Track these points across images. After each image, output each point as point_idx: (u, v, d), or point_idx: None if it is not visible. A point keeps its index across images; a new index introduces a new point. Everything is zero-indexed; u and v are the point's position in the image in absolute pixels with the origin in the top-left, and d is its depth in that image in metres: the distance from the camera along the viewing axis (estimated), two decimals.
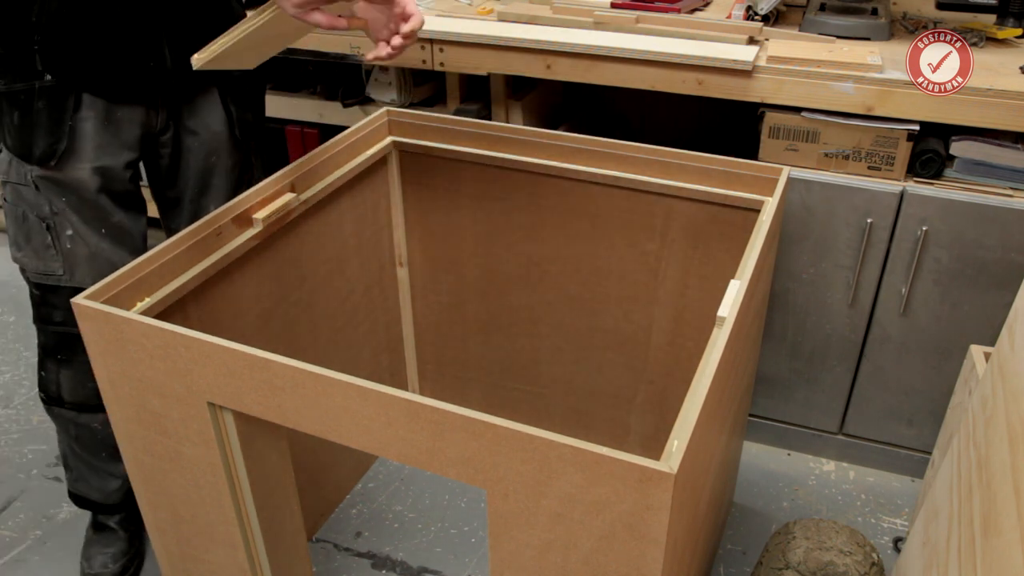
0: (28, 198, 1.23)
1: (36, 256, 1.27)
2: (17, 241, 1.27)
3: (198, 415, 1.01)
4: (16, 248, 1.28)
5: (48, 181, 1.22)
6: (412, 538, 1.66)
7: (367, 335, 1.64)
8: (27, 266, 1.28)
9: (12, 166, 1.23)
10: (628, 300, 1.55)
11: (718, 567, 1.59)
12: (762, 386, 1.78)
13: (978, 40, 1.61)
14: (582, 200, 1.47)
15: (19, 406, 2.00)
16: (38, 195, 1.23)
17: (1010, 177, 1.47)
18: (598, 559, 0.84)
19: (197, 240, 1.14)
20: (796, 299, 1.64)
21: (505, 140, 1.48)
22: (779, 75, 1.49)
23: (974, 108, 1.41)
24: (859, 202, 1.51)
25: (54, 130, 1.18)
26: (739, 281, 1.04)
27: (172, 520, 1.17)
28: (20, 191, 1.23)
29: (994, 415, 0.98)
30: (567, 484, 0.81)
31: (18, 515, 1.71)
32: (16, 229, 1.27)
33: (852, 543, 1.39)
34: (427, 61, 1.70)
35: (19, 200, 1.24)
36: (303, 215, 1.35)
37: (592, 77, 1.61)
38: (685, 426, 0.80)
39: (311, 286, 1.43)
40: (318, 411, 0.92)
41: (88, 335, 1.01)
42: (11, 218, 1.27)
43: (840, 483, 1.79)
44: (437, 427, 0.85)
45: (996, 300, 1.51)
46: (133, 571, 1.55)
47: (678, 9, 1.69)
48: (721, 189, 1.35)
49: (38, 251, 1.26)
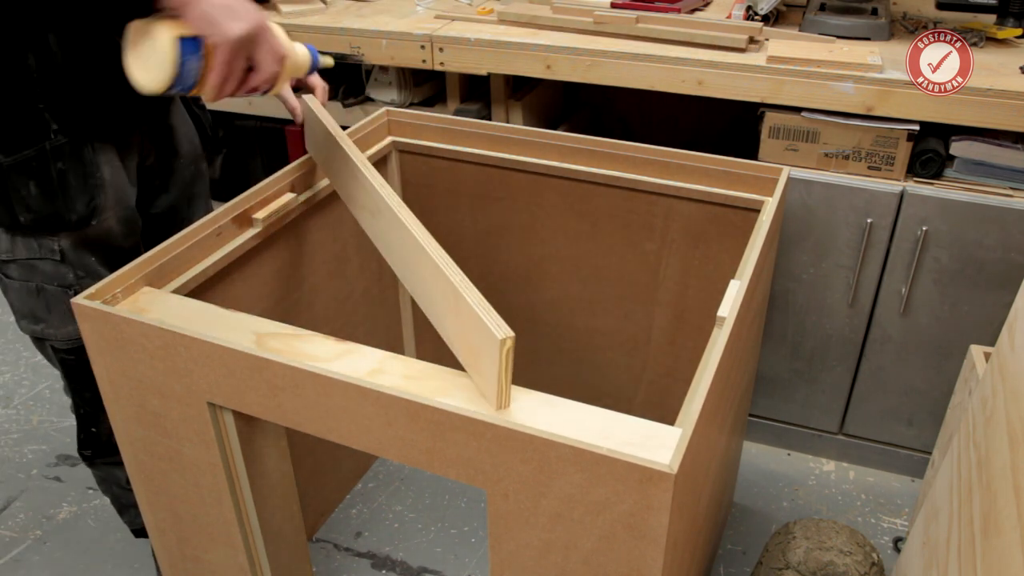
0: (45, 271, 1.13)
1: (63, 323, 1.17)
2: (34, 314, 1.17)
3: (198, 415, 1.01)
4: (32, 321, 1.17)
5: (79, 245, 1.13)
6: (412, 538, 1.66)
7: (367, 335, 1.64)
8: (53, 336, 1.18)
9: (18, 243, 1.12)
10: (628, 300, 1.55)
11: (718, 567, 1.59)
12: (762, 386, 1.78)
13: (978, 40, 1.61)
14: (582, 200, 1.47)
15: (19, 406, 2.00)
16: (60, 265, 1.13)
17: (1010, 177, 1.47)
18: (598, 559, 0.84)
19: (197, 240, 1.14)
20: (796, 299, 1.64)
21: (505, 140, 1.48)
22: (779, 75, 1.49)
23: (974, 108, 1.41)
24: (859, 202, 1.51)
25: (86, 187, 1.09)
26: (739, 281, 1.04)
27: (172, 520, 1.17)
28: (34, 266, 1.13)
29: (994, 415, 0.98)
30: (567, 484, 0.81)
31: (18, 515, 1.71)
32: (31, 303, 1.16)
33: (852, 543, 1.39)
34: (427, 61, 1.70)
35: (31, 276, 1.14)
36: (303, 215, 1.34)
37: (592, 77, 1.61)
38: (685, 426, 0.80)
39: (311, 286, 1.43)
40: (318, 411, 0.92)
41: (88, 335, 1.01)
42: (19, 294, 1.16)
43: (840, 483, 1.79)
44: (437, 427, 0.85)
45: (996, 300, 1.51)
46: None
47: (678, 9, 1.69)
48: (721, 189, 1.35)
49: (64, 318, 1.16)
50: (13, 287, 1.16)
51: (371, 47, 1.74)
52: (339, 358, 0.93)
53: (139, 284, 1.06)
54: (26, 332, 1.19)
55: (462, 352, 0.91)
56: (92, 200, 1.10)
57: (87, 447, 1.31)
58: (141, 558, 1.60)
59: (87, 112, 1.08)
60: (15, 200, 1.07)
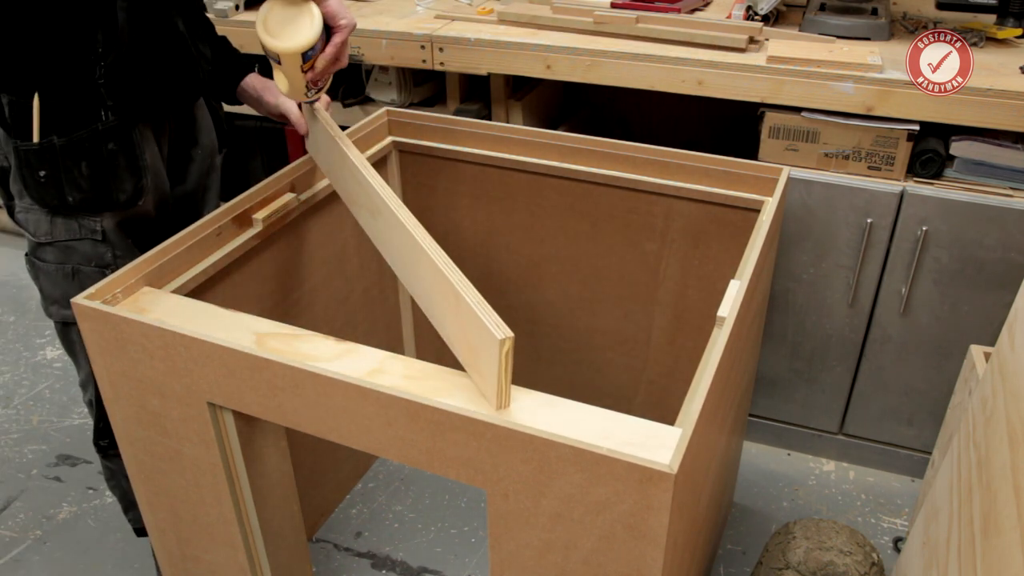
0: (84, 251, 1.15)
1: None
2: (67, 297, 1.15)
3: (198, 415, 1.01)
4: (63, 307, 1.18)
5: (121, 225, 1.15)
6: (412, 538, 1.66)
7: (367, 335, 1.64)
8: None
9: (58, 225, 1.14)
10: (628, 300, 1.55)
11: (718, 567, 1.59)
12: (762, 386, 1.78)
13: (978, 40, 1.61)
14: (582, 200, 1.47)
15: (19, 406, 2.00)
16: (99, 245, 1.15)
17: (1010, 177, 1.47)
18: (598, 559, 0.84)
19: (197, 240, 1.14)
20: (796, 299, 1.64)
21: (505, 140, 1.48)
22: (779, 75, 1.49)
23: (974, 108, 1.41)
24: (859, 202, 1.51)
25: (134, 168, 1.13)
26: (739, 281, 1.04)
27: (172, 520, 1.17)
28: (71, 248, 1.15)
29: (994, 415, 0.98)
30: (567, 484, 0.81)
31: (18, 515, 1.71)
32: (64, 286, 1.17)
33: (852, 543, 1.39)
34: (427, 61, 1.70)
35: (67, 258, 1.16)
36: (303, 215, 1.35)
37: (592, 77, 1.61)
38: (685, 426, 0.80)
39: (311, 286, 1.43)
40: (318, 411, 0.92)
41: (88, 335, 1.02)
42: (54, 278, 1.18)
43: (840, 483, 1.79)
44: (437, 427, 0.85)
45: (996, 300, 1.51)
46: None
47: (678, 9, 1.69)
48: (721, 189, 1.35)
49: None
50: (47, 271, 1.18)
51: (371, 47, 1.74)
52: (339, 358, 0.93)
53: (139, 284, 1.06)
54: (55, 318, 1.21)
55: (462, 352, 0.91)
56: (139, 181, 1.13)
57: (104, 437, 1.32)
58: (141, 558, 1.60)
59: (139, 92, 1.11)
60: (66, 180, 1.09)
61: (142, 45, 1.10)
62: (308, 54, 1.09)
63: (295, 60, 1.09)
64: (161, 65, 1.14)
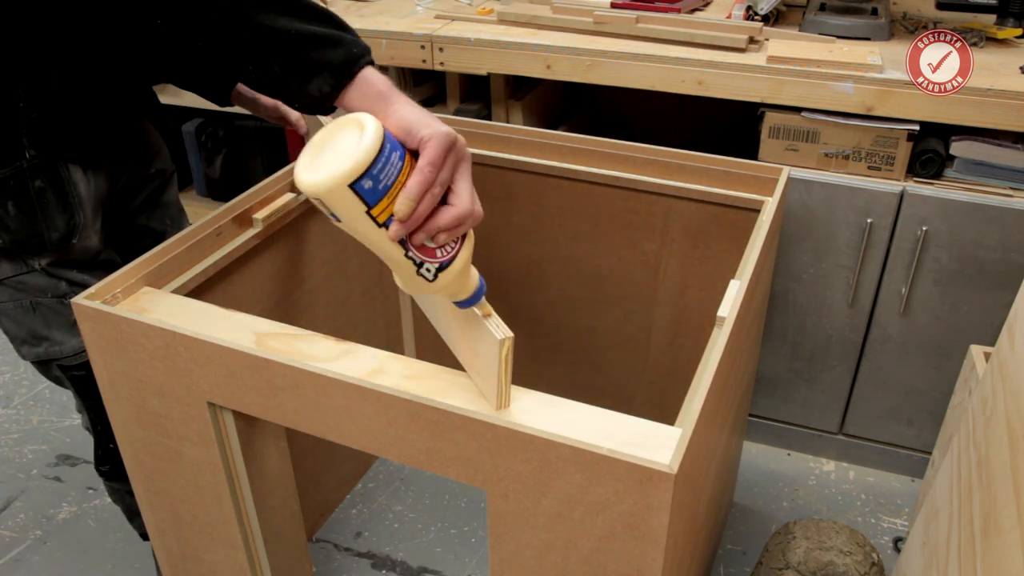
0: (37, 284, 1.10)
1: (66, 336, 1.13)
2: (34, 334, 1.13)
3: (198, 415, 1.01)
4: (33, 344, 1.14)
5: (60, 262, 1.10)
6: (412, 538, 1.66)
7: (367, 335, 1.64)
8: (59, 353, 1.14)
9: (2, 264, 1.08)
10: (628, 300, 1.55)
11: (718, 567, 1.59)
12: (762, 386, 1.78)
13: (978, 40, 1.61)
14: (582, 200, 1.47)
15: (19, 406, 2.00)
16: (50, 278, 1.10)
17: (1010, 177, 1.48)
18: (598, 559, 0.84)
19: (197, 240, 1.14)
20: (796, 299, 1.64)
21: (505, 140, 1.48)
22: (779, 75, 1.49)
23: (974, 108, 1.41)
24: (859, 202, 1.51)
25: (67, 205, 1.06)
26: (739, 281, 1.04)
27: (172, 520, 1.17)
28: (23, 281, 1.10)
29: (994, 415, 0.98)
30: (567, 484, 0.81)
31: (18, 515, 1.71)
32: (27, 323, 1.12)
33: (852, 543, 1.39)
34: (427, 61, 1.70)
35: (23, 292, 1.10)
36: (303, 215, 1.34)
37: (592, 77, 1.61)
38: (685, 426, 0.80)
39: (311, 286, 1.43)
40: (318, 411, 0.92)
41: (88, 335, 1.01)
42: (13, 316, 1.12)
43: (840, 483, 1.79)
44: (437, 427, 0.85)
45: (996, 300, 1.51)
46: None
47: (678, 9, 1.69)
48: (721, 189, 1.35)
49: (66, 330, 1.13)
50: (5, 311, 1.12)
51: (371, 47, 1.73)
52: (339, 358, 0.93)
53: (139, 284, 1.06)
54: (28, 358, 1.16)
55: (462, 352, 0.91)
56: (72, 218, 1.07)
57: (105, 463, 1.29)
58: (141, 558, 1.60)
59: (65, 136, 1.05)
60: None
61: (71, 98, 1.03)
62: (370, 190, 0.71)
63: (348, 204, 0.72)
64: (90, 108, 1.06)
